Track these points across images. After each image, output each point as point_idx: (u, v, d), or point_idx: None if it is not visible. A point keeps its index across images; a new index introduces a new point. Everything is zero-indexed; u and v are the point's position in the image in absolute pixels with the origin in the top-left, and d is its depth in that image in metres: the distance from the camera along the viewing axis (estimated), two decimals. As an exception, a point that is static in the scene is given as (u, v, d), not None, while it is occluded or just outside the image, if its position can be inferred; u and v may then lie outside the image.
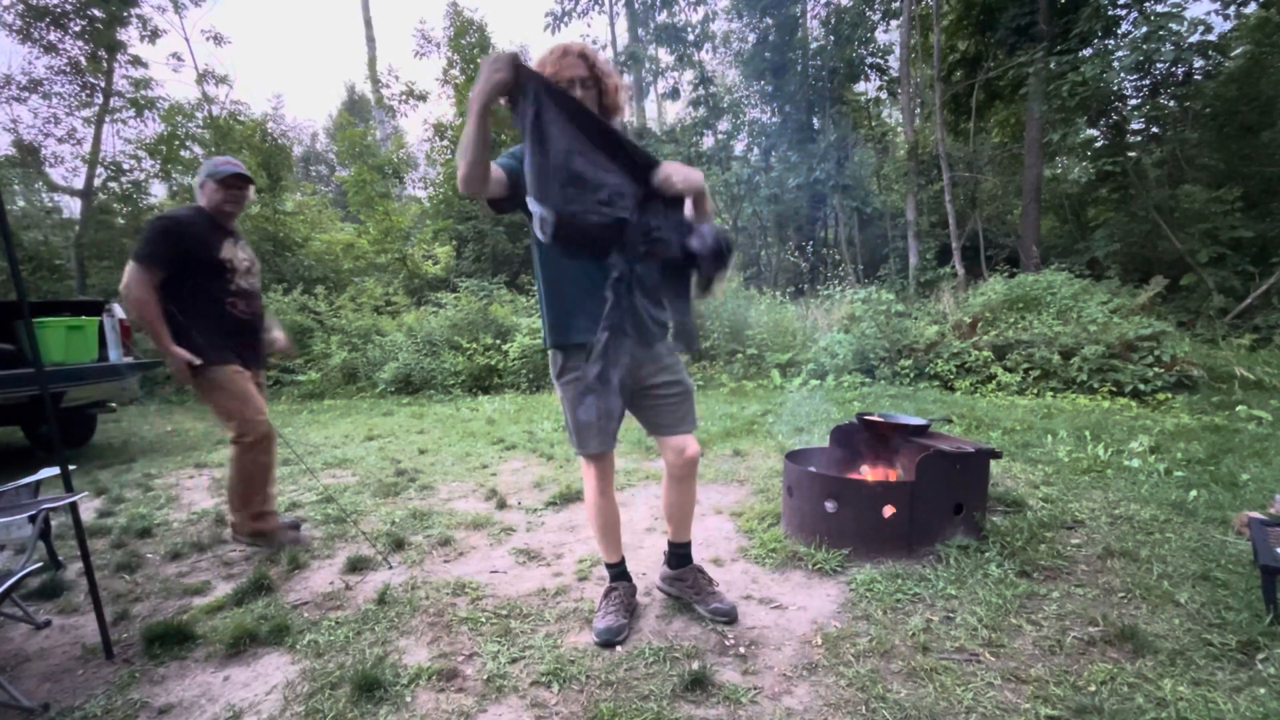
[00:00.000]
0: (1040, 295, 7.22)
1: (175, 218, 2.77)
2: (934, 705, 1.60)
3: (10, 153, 13.25)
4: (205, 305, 2.78)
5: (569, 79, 1.80)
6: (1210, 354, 6.34)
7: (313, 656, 1.97)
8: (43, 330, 4.69)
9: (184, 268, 2.73)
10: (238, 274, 2.89)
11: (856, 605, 2.12)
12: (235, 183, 2.86)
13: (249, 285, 2.95)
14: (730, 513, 3.10)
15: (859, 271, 11.52)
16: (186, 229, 2.75)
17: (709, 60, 15.08)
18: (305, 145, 30.34)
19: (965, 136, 12.39)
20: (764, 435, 4.68)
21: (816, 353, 7.23)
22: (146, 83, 13.45)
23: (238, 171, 2.86)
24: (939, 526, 2.45)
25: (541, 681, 1.79)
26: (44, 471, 2.42)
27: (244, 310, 2.91)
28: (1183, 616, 1.94)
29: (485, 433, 5.41)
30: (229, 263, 2.85)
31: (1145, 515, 2.75)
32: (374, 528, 3.11)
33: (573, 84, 1.81)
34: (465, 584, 2.43)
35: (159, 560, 2.88)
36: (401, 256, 13.69)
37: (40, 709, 1.76)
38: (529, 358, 8.05)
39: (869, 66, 13.29)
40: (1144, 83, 9.40)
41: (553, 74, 1.80)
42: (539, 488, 3.71)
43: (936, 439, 2.73)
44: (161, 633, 2.08)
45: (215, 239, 2.83)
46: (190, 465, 4.82)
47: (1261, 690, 1.59)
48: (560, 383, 2.01)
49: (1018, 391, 5.97)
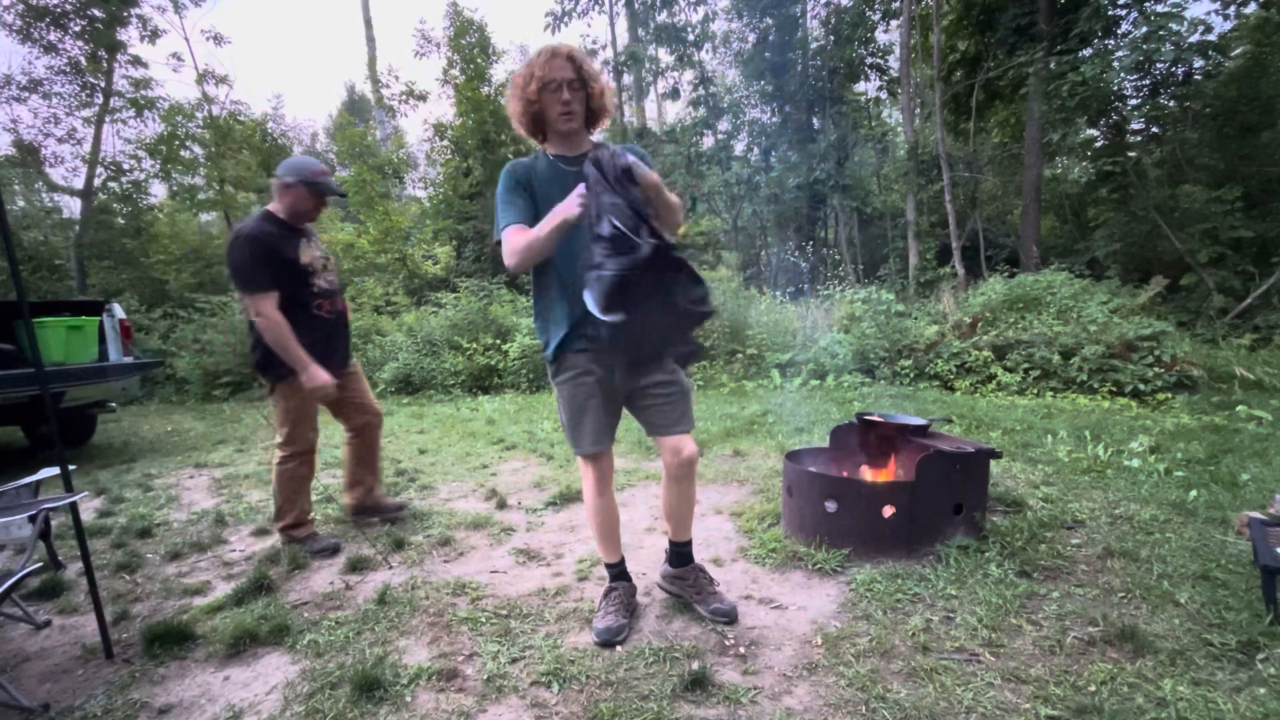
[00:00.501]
0: (1040, 295, 7.21)
1: (254, 236, 2.64)
2: (934, 705, 1.60)
3: (10, 153, 13.26)
4: (292, 313, 2.67)
5: (556, 81, 1.83)
6: (1210, 354, 6.33)
7: (313, 656, 1.97)
8: (43, 330, 4.69)
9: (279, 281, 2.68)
10: (317, 274, 2.82)
11: (856, 605, 2.12)
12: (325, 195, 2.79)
13: (328, 284, 2.89)
14: (730, 513, 3.10)
15: (859, 271, 11.52)
16: (267, 242, 2.65)
17: (709, 60, 15.09)
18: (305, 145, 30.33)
19: (965, 136, 12.38)
20: (764, 435, 4.68)
21: (816, 353, 7.22)
22: (146, 83, 13.46)
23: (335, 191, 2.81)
24: (939, 526, 2.45)
25: (541, 681, 1.79)
26: (44, 471, 2.42)
27: (329, 310, 2.86)
28: (1183, 616, 1.94)
29: (485, 433, 5.41)
30: (309, 265, 2.78)
31: (1145, 515, 2.75)
32: (374, 528, 3.11)
33: (560, 86, 1.83)
34: (465, 584, 2.43)
35: (159, 560, 2.88)
36: (401, 256, 13.68)
37: (40, 709, 1.76)
38: (529, 358, 8.05)
39: (869, 66, 13.29)
40: (1144, 83, 9.39)
41: (540, 76, 1.83)
42: (539, 488, 3.71)
43: (936, 439, 2.73)
44: (161, 633, 2.08)
45: (291, 244, 2.75)
46: (190, 465, 4.82)
47: (1261, 690, 1.59)
48: (556, 383, 2.02)
49: (1018, 391, 5.97)
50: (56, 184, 13.88)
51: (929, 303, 8.71)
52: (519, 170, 1.93)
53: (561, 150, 1.95)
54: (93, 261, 13.28)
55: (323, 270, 2.86)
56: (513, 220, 1.88)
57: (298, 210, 2.77)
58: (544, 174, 1.93)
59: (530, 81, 1.85)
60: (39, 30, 12.26)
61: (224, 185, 13.76)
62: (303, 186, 2.73)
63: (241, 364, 9.40)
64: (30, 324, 1.90)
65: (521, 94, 1.87)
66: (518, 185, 1.91)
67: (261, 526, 3.23)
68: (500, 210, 1.92)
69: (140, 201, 13.86)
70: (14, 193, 13.19)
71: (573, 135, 1.93)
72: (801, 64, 12.83)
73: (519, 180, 1.92)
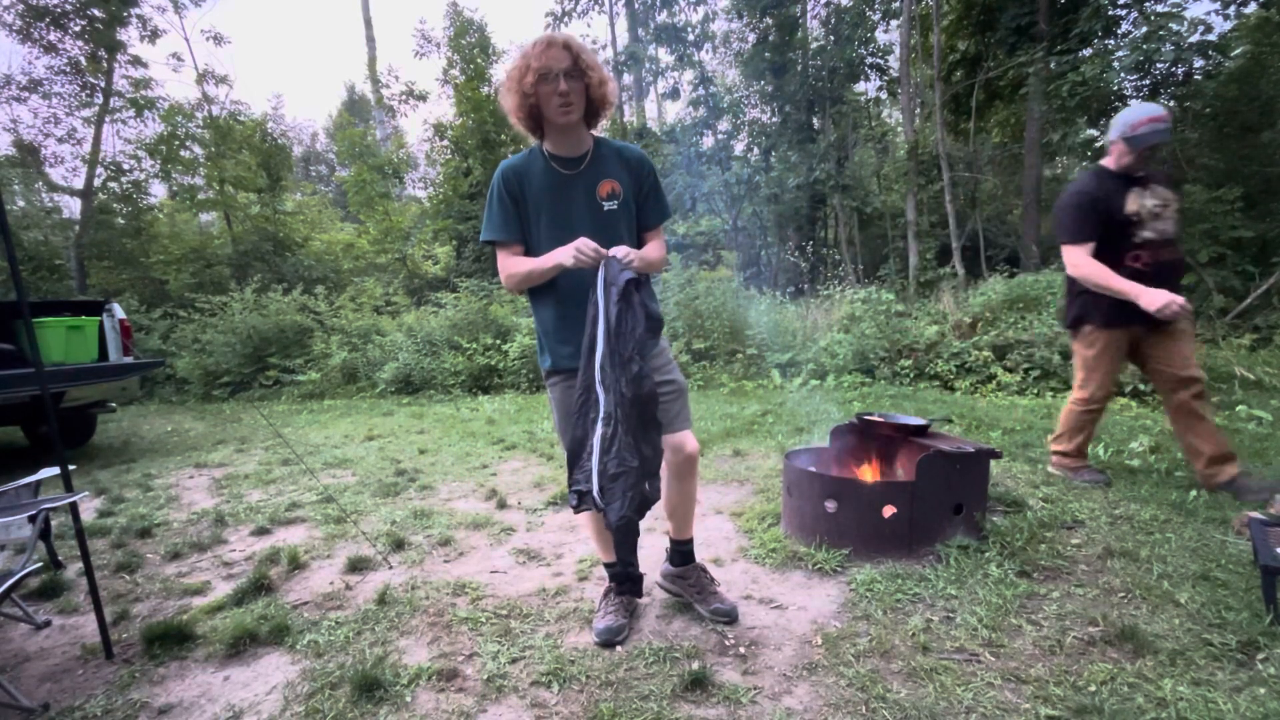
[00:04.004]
0: (1040, 295, 7.20)
1: (1080, 191, 2.88)
2: (934, 705, 1.60)
3: (10, 153, 13.26)
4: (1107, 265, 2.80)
5: (553, 71, 1.75)
6: (1210, 354, 6.33)
7: (313, 656, 1.97)
8: (43, 330, 4.69)
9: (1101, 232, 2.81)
10: (1143, 225, 2.81)
11: (856, 605, 2.12)
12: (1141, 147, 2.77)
13: (1155, 233, 2.82)
14: (730, 513, 3.10)
15: (859, 271, 11.51)
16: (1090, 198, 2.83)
17: (709, 60, 15.09)
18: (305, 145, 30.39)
19: (965, 136, 12.37)
20: (764, 435, 4.68)
21: (816, 353, 7.22)
22: (146, 83, 13.47)
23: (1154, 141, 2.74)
24: (939, 526, 2.45)
25: (541, 681, 1.79)
26: (44, 471, 2.42)
27: (1146, 262, 2.82)
28: (1183, 616, 1.94)
29: (485, 433, 5.41)
30: (1134, 215, 2.80)
31: (1145, 515, 2.75)
32: (374, 528, 3.11)
33: (556, 76, 1.76)
34: (465, 584, 2.43)
35: (159, 560, 2.88)
36: (401, 256, 13.70)
37: (40, 709, 1.76)
38: (529, 358, 8.05)
39: (869, 66, 13.28)
40: (1144, 83, 9.39)
41: (537, 67, 1.76)
42: (539, 488, 3.71)
43: (936, 439, 2.73)
44: (161, 633, 2.08)
45: (1118, 199, 2.81)
46: (190, 465, 4.82)
47: (1261, 690, 1.59)
48: (549, 384, 2.03)
49: (1018, 391, 5.97)
50: (56, 184, 13.88)
51: (929, 303, 8.70)
52: (510, 176, 1.89)
53: (559, 149, 1.89)
54: (93, 261, 13.28)
55: (1151, 219, 2.82)
56: (498, 235, 1.91)
57: (1123, 164, 2.86)
58: (538, 178, 1.89)
59: (526, 73, 1.76)
60: (39, 30, 12.26)
61: (224, 185, 13.77)
62: (1122, 143, 2.81)
63: (241, 364, 9.43)
64: (30, 324, 1.91)
65: (517, 87, 1.79)
66: (507, 194, 1.89)
67: (261, 526, 3.22)
68: (487, 217, 1.93)
69: (140, 201, 13.86)
70: (14, 193, 13.18)
71: (571, 131, 1.86)
72: (801, 64, 12.82)
73: (509, 189, 1.89)
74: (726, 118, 13.58)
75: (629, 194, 1.93)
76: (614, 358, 1.73)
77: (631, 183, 1.94)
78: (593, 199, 1.89)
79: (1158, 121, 2.74)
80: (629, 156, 1.96)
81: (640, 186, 1.97)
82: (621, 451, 1.72)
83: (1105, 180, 2.86)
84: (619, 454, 1.72)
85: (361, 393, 8.68)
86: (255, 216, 14.07)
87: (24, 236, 12.49)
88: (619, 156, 1.94)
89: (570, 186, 1.89)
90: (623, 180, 1.92)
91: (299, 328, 9.90)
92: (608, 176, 1.90)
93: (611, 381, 1.73)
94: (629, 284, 1.74)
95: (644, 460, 1.75)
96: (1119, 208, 2.80)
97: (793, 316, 8.42)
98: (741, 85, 14.84)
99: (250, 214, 14.10)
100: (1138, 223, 2.81)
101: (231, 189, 13.86)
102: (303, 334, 9.87)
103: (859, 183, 12.17)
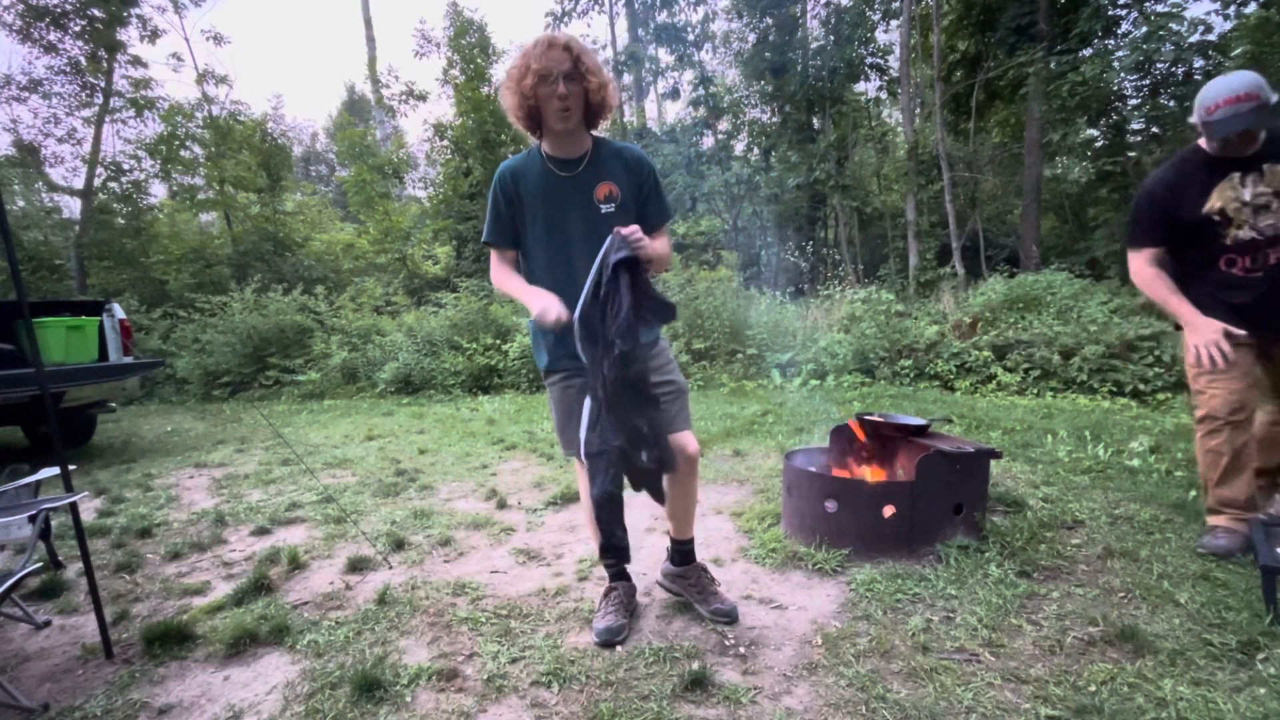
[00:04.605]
0: (1040, 295, 7.22)
1: (1152, 182, 2.39)
2: (934, 705, 1.60)
3: (10, 153, 13.26)
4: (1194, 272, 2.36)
5: (552, 73, 1.74)
6: (1210, 354, 6.32)
7: (313, 656, 1.97)
8: (43, 330, 4.69)
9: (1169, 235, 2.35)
10: (1234, 222, 2.26)
11: (856, 605, 2.12)
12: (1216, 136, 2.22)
13: (1258, 232, 2.23)
14: (730, 513, 3.10)
15: (859, 271, 11.52)
16: (1157, 195, 2.36)
17: (709, 60, 15.09)
18: (305, 145, 30.40)
19: (965, 136, 12.38)
20: (764, 435, 4.68)
21: (816, 353, 7.23)
22: (146, 83, 13.47)
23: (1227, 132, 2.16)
24: (939, 526, 2.45)
25: (541, 681, 1.79)
26: (44, 471, 2.42)
27: (1247, 268, 2.28)
28: (1183, 616, 1.94)
29: (485, 433, 5.41)
30: (1216, 214, 2.27)
31: (1145, 515, 2.75)
32: (374, 528, 3.11)
33: (556, 78, 1.74)
34: (465, 584, 2.43)
35: (159, 560, 2.88)
36: (401, 256, 13.69)
37: (40, 709, 1.76)
38: (529, 358, 8.05)
39: (869, 66, 13.29)
40: (1144, 83, 9.40)
41: (536, 69, 1.74)
42: (539, 488, 3.71)
43: (936, 439, 2.73)
44: (161, 633, 2.08)
45: (1195, 194, 2.29)
46: (190, 465, 4.82)
47: (1261, 690, 1.59)
48: (547, 384, 2.03)
49: (1018, 391, 5.97)
50: (56, 184, 13.88)
51: (929, 303, 8.71)
52: (506, 179, 1.89)
53: (557, 150, 1.88)
54: (93, 261, 13.28)
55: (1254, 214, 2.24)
56: (489, 239, 1.96)
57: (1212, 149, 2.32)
58: (535, 181, 1.88)
59: (526, 74, 1.75)
60: (39, 30, 12.26)
61: (224, 185, 13.77)
62: (1202, 127, 2.28)
63: (241, 364, 9.43)
64: (30, 324, 1.91)
65: (517, 87, 1.78)
66: (503, 196, 1.91)
67: (261, 526, 3.22)
68: (487, 217, 1.96)
69: (140, 201, 13.86)
70: (14, 193, 13.17)
71: (569, 134, 1.85)
72: (801, 64, 12.83)
73: (505, 192, 1.90)
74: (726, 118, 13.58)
75: (628, 196, 1.92)
76: (590, 334, 1.72)
77: (631, 184, 1.92)
78: (589, 202, 1.88)
79: (1238, 102, 2.12)
80: (629, 158, 1.94)
81: (640, 188, 1.95)
82: (604, 430, 1.74)
83: (1191, 166, 2.32)
84: (601, 432, 1.74)
85: (361, 393, 8.68)
86: (255, 216, 14.07)
87: (24, 236, 12.49)
88: (618, 158, 1.93)
89: (567, 189, 1.88)
90: (622, 182, 1.90)
91: (299, 328, 9.90)
92: (606, 179, 1.89)
93: (592, 358, 1.73)
94: (619, 264, 1.68)
95: (631, 436, 1.75)
96: (1193, 207, 2.29)
97: (793, 316, 8.42)
98: (741, 85, 14.84)
99: (250, 214, 14.11)
100: (1225, 221, 2.27)
101: (231, 189, 13.86)
102: (303, 334, 9.87)
103: (859, 183, 12.19)
